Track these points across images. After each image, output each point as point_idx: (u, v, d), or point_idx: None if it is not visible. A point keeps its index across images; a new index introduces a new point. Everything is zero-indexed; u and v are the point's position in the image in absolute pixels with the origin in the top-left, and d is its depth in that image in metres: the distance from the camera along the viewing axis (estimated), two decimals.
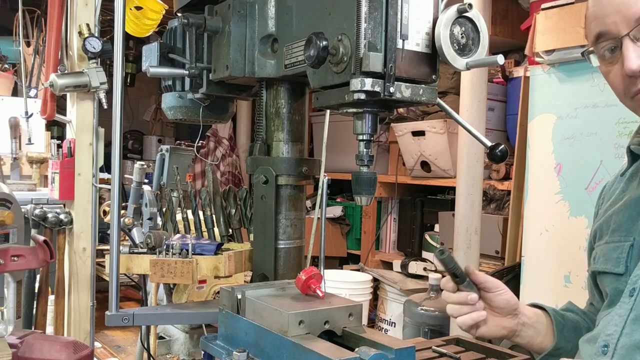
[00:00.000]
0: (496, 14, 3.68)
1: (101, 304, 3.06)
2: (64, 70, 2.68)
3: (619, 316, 1.09)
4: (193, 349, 3.87)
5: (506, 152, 1.30)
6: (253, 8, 1.47)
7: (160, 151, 2.50)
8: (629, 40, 1.04)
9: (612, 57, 1.09)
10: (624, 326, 1.07)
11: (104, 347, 4.05)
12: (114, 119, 1.58)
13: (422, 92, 1.20)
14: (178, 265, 1.58)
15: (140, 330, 2.55)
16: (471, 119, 3.07)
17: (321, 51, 1.15)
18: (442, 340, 1.75)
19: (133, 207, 2.63)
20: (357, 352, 1.05)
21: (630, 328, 1.06)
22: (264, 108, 1.57)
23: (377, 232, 4.86)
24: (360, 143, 1.27)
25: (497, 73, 3.72)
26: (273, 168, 1.51)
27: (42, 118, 2.87)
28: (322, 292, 1.24)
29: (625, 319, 1.08)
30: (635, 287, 1.08)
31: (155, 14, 3.12)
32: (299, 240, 1.59)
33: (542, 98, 2.84)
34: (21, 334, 1.68)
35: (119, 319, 1.53)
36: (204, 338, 1.34)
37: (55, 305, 2.82)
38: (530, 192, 2.89)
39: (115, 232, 1.56)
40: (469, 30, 1.19)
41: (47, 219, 2.71)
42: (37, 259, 1.69)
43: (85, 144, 2.74)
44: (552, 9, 2.74)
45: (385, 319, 4.28)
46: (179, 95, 1.69)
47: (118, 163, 1.58)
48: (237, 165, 6.22)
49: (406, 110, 4.15)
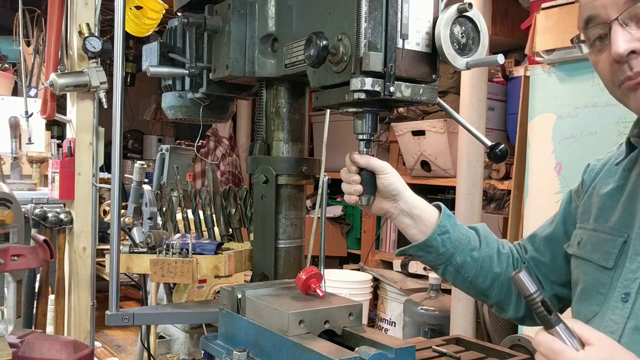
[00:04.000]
0: (496, 14, 3.68)
1: (101, 303, 3.06)
2: (64, 70, 2.68)
3: (615, 323, 1.06)
4: (193, 349, 3.87)
5: (506, 152, 1.30)
6: (253, 7, 1.47)
7: (161, 151, 2.50)
8: (618, 25, 1.01)
9: (601, 45, 1.06)
10: (622, 335, 1.05)
11: (104, 346, 4.06)
12: (114, 119, 1.58)
13: (422, 92, 1.20)
14: (178, 264, 1.58)
15: (141, 330, 2.55)
16: (471, 119, 3.07)
17: (321, 51, 1.15)
18: (442, 340, 1.75)
19: (133, 206, 2.63)
20: (357, 351, 1.05)
21: (630, 338, 1.03)
22: (264, 108, 1.57)
23: (377, 232, 4.86)
24: (361, 143, 1.27)
25: (497, 72, 3.72)
26: (273, 167, 1.51)
27: (42, 117, 2.87)
28: (322, 291, 1.24)
29: (622, 327, 1.05)
30: (629, 292, 1.06)
31: (155, 14, 3.12)
32: (299, 239, 1.59)
33: (542, 98, 2.84)
34: (21, 333, 1.68)
35: (119, 319, 1.53)
36: (204, 337, 1.34)
37: (55, 304, 2.82)
38: (530, 192, 2.89)
39: (115, 232, 1.56)
40: (469, 30, 1.19)
41: (47, 219, 2.71)
42: (37, 259, 1.69)
43: (85, 143, 2.74)
44: (552, 8, 2.74)
45: (385, 318, 4.28)
46: (179, 94, 1.69)
47: (118, 162, 1.58)
48: (237, 165, 6.22)
49: (406, 110, 4.15)
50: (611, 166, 1.23)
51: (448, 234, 1.29)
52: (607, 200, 1.18)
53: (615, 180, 1.19)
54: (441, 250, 1.30)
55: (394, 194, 1.28)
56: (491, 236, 1.39)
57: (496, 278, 1.35)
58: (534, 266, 1.35)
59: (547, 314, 0.89)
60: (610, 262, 1.12)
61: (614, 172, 1.21)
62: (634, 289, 1.06)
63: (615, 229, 1.13)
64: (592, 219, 1.20)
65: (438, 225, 1.29)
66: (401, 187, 1.29)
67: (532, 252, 1.36)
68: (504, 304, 1.38)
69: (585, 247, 1.19)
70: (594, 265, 1.15)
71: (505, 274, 1.35)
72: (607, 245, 1.13)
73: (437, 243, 1.29)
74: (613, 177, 1.20)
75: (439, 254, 1.30)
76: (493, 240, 1.38)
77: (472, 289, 1.37)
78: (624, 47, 1.00)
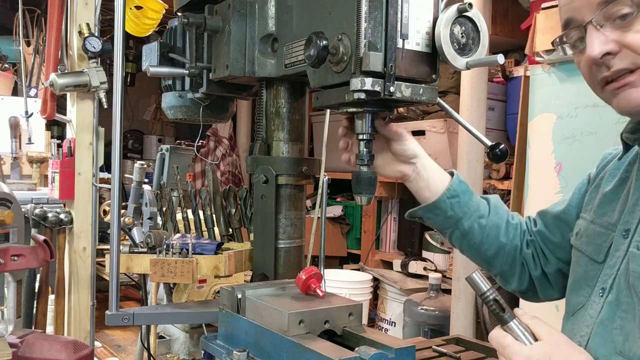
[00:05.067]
0: (496, 14, 3.68)
1: (101, 303, 3.06)
2: (64, 70, 2.68)
3: (590, 317, 1.09)
4: (193, 349, 3.87)
5: (506, 152, 1.30)
6: (253, 7, 1.47)
7: (160, 151, 2.50)
8: (592, 27, 1.01)
9: (582, 46, 1.06)
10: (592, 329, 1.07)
11: (104, 346, 4.06)
12: (114, 119, 1.58)
13: (422, 92, 1.20)
14: (178, 264, 1.58)
15: (141, 330, 2.55)
16: (471, 119, 3.08)
17: (321, 51, 1.15)
18: (442, 340, 1.75)
19: (133, 206, 2.63)
20: (357, 351, 1.05)
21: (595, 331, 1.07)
22: (264, 107, 1.57)
23: (377, 232, 4.86)
24: (361, 142, 1.27)
25: (497, 72, 3.72)
26: (273, 167, 1.51)
27: (42, 117, 2.87)
28: (322, 291, 1.24)
29: (594, 321, 1.08)
30: (605, 287, 1.08)
31: (155, 14, 3.12)
32: (299, 239, 1.59)
33: (542, 97, 2.84)
34: (21, 333, 1.68)
35: (119, 319, 1.53)
36: (204, 337, 1.34)
37: (55, 304, 2.82)
38: (530, 192, 2.89)
39: (115, 232, 1.56)
40: (469, 30, 1.19)
41: (47, 219, 2.71)
42: (37, 259, 1.69)
43: (85, 143, 2.74)
44: (552, 8, 2.74)
45: (385, 318, 4.28)
46: (179, 94, 1.69)
47: (118, 162, 1.58)
48: (237, 165, 6.22)
49: (406, 110, 4.15)
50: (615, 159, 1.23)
51: (457, 198, 1.31)
52: (609, 193, 1.18)
53: (619, 174, 1.19)
54: (449, 213, 1.31)
55: (411, 158, 1.31)
56: (502, 207, 1.39)
57: (501, 247, 1.36)
58: (541, 240, 1.36)
59: (499, 311, 0.98)
60: (600, 255, 1.13)
61: (619, 167, 1.21)
62: (609, 284, 1.08)
63: (611, 223, 1.13)
64: (592, 210, 1.21)
65: (448, 188, 1.31)
66: (418, 151, 1.32)
67: (540, 227, 1.37)
68: (508, 275, 1.40)
69: (581, 239, 1.20)
70: (586, 257, 1.17)
71: (511, 244, 1.36)
72: (600, 239, 1.14)
73: (446, 206, 1.31)
74: (618, 170, 1.20)
75: (447, 217, 1.32)
76: (503, 211, 1.39)
77: (477, 256, 1.39)
78: (598, 49, 1.00)
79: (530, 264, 1.38)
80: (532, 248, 1.38)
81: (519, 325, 0.97)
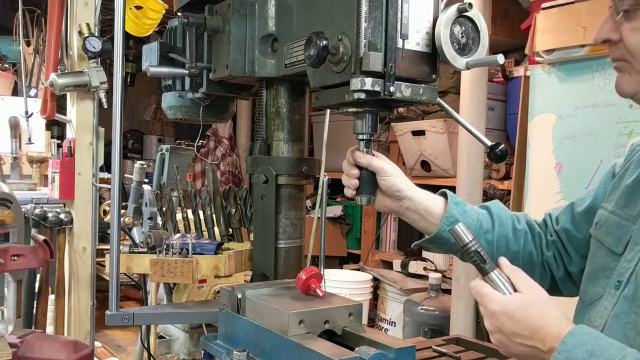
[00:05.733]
0: (496, 14, 3.68)
1: (101, 303, 3.06)
2: (64, 70, 2.68)
3: (605, 309, 1.10)
4: (193, 349, 3.87)
5: (506, 152, 1.30)
6: (253, 7, 1.47)
7: (160, 151, 2.50)
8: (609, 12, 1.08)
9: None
10: (606, 321, 1.07)
11: (104, 346, 4.05)
12: (114, 119, 1.58)
13: (422, 92, 1.20)
14: (178, 264, 1.58)
15: (141, 330, 2.55)
16: (471, 119, 3.07)
17: (321, 51, 1.15)
18: (442, 340, 1.75)
19: (133, 206, 2.63)
20: (357, 351, 1.05)
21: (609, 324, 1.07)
22: (264, 107, 1.57)
23: (377, 232, 4.86)
24: (361, 143, 1.27)
25: (497, 72, 3.72)
26: (273, 167, 1.51)
27: (42, 117, 2.87)
28: (322, 291, 1.24)
29: (609, 313, 1.08)
30: (621, 280, 1.08)
31: (155, 14, 3.12)
32: (299, 239, 1.59)
33: (542, 97, 2.84)
34: (21, 333, 1.68)
35: (119, 319, 1.53)
36: (204, 337, 1.34)
37: (55, 304, 2.82)
38: (530, 192, 2.89)
39: (115, 232, 1.56)
40: (469, 30, 1.19)
41: (47, 219, 2.71)
42: (37, 259, 1.69)
43: (85, 143, 2.74)
44: (552, 8, 2.74)
45: (385, 318, 4.28)
46: (179, 94, 1.69)
47: (118, 162, 1.58)
48: (237, 165, 6.22)
49: (406, 110, 4.15)
50: None
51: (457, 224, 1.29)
52: (631, 184, 1.17)
53: None
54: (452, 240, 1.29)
55: (397, 194, 1.29)
56: (505, 213, 1.36)
57: (514, 257, 1.32)
58: (566, 238, 1.33)
59: (480, 262, 1.00)
60: (620, 247, 1.12)
61: None
62: (626, 277, 1.08)
63: (632, 215, 1.12)
64: (614, 200, 1.19)
65: (445, 216, 1.28)
66: (404, 187, 1.29)
67: (565, 224, 1.33)
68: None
69: (600, 229, 1.19)
70: (605, 248, 1.16)
71: (524, 251, 1.34)
72: (620, 231, 1.13)
73: (447, 235, 1.27)
74: None
75: (452, 244, 1.29)
76: (507, 217, 1.36)
77: None
78: (599, 34, 1.09)
79: (553, 266, 1.35)
80: (554, 249, 1.35)
81: (499, 276, 1.00)
